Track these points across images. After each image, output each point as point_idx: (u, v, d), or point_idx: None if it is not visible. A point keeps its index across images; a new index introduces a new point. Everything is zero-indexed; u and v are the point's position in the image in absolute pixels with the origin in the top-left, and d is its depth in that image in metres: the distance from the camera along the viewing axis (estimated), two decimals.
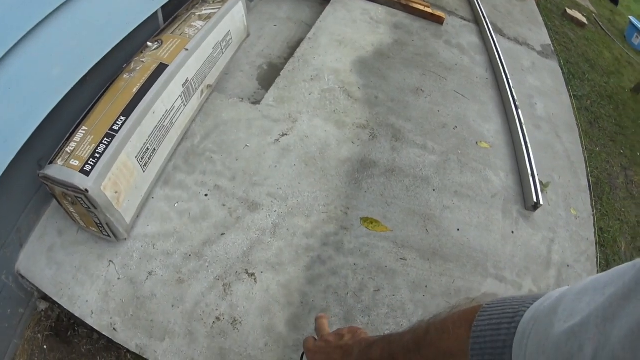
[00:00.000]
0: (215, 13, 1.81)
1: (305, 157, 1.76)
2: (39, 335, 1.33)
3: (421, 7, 2.50)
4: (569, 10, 4.14)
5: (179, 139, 1.70)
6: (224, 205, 1.59)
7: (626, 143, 3.06)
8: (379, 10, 2.46)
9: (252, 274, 1.46)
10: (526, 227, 1.91)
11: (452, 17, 2.66)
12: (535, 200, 1.94)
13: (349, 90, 2.00)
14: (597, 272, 2.03)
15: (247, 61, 2.12)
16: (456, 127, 2.06)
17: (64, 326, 1.36)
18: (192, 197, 1.58)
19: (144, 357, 1.24)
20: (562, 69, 2.78)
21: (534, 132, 2.26)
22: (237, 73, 2.07)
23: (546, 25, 3.12)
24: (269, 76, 2.09)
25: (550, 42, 2.85)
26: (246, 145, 1.76)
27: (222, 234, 1.52)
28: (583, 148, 2.55)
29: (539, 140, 2.24)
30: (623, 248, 2.64)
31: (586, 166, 2.55)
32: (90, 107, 1.32)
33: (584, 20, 4.16)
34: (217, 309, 1.36)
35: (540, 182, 2.11)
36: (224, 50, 1.89)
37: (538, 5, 3.47)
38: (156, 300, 1.33)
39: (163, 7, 1.68)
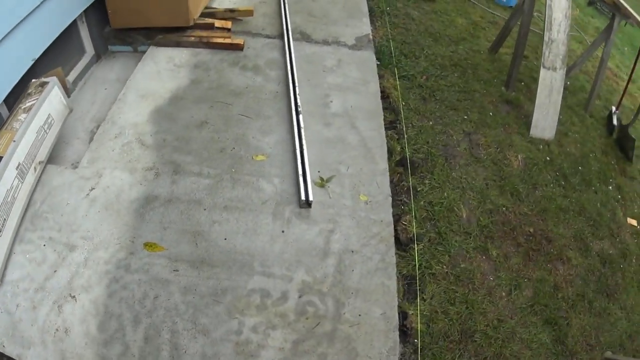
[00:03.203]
0: (34, 104, 2.40)
1: (106, 204, 2.32)
2: None
3: (221, 40, 2.84)
4: None
5: (24, 208, 2.35)
6: (54, 250, 2.21)
7: (473, 107, 3.14)
8: (183, 55, 2.85)
9: (74, 296, 2.09)
10: (300, 224, 2.28)
11: (255, 39, 2.96)
12: (304, 197, 2.31)
13: (142, 139, 2.49)
14: (395, 252, 2.29)
15: (82, 128, 2.70)
16: (234, 148, 2.46)
17: None
18: (36, 248, 2.22)
19: None
20: (382, 54, 2.96)
21: (323, 131, 2.57)
22: (74, 140, 2.66)
23: (378, 13, 3.25)
24: None
25: (369, 32, 3.01)
26: (67, 203, 2.36)
27: (55, 271, 2.15)
28: (402, 128, 2.77)
29: (327, 138, 2.55)
30: (465, 215, 2.75)
31: (403, 147, 2.77)
32: None
33: None
34: (55, 324, 2.01)
35: (321, 178, 2.46)
36: (47, 131, 2.48)
37: None
38: (23, 323, 2.00)
39: (5, 101, 2.27)
